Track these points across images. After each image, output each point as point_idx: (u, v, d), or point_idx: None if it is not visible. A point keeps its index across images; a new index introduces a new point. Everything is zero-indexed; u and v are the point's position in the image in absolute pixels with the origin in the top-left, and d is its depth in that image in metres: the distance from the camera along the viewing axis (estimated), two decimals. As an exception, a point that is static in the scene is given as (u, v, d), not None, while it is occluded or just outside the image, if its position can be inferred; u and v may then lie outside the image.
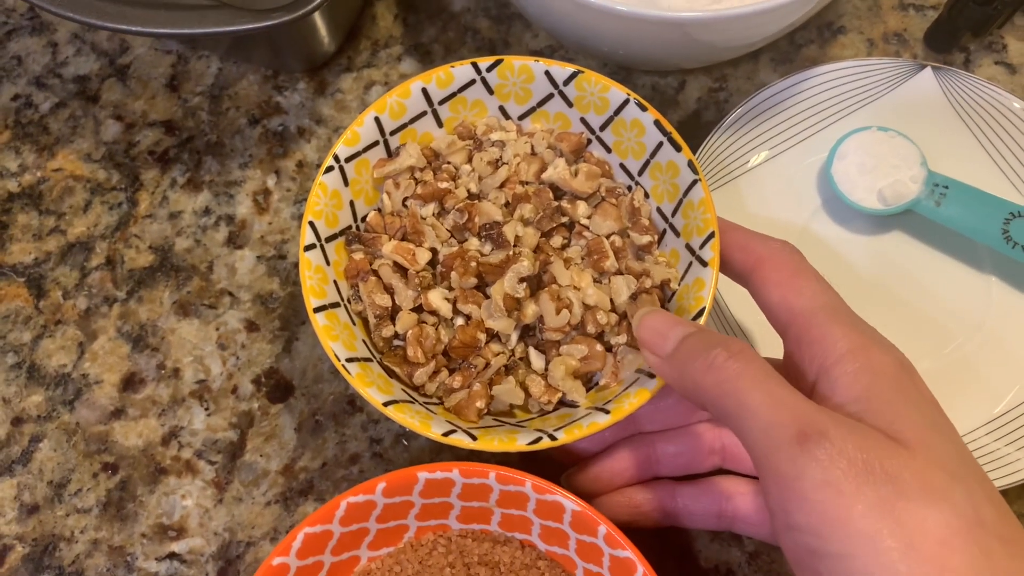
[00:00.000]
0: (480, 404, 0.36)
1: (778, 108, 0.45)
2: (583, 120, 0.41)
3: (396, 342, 0.38)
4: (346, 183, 0.39)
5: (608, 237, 0.39)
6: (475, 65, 0.40)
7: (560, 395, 0.37)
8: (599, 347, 0.36)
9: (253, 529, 0.41)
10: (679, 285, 0.37)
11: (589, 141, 0.41)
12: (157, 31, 0.39)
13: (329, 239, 0.38)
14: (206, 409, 0.43)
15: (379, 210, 0.40)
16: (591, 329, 0.36)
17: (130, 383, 0.43)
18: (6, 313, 0.45)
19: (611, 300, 0.37)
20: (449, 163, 0.41)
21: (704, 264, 0.36)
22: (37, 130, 0.49)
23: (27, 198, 0.47)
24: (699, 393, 0.29)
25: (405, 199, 0.40)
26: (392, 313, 0.38)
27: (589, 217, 0.39)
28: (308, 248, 0.37)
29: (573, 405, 0.37)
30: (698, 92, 0.48)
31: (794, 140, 0.45)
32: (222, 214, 0.47)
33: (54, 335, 0.44)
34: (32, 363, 0.44)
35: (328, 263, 0.38)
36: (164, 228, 0.46)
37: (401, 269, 0.38)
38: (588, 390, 0.38)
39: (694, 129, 0.47)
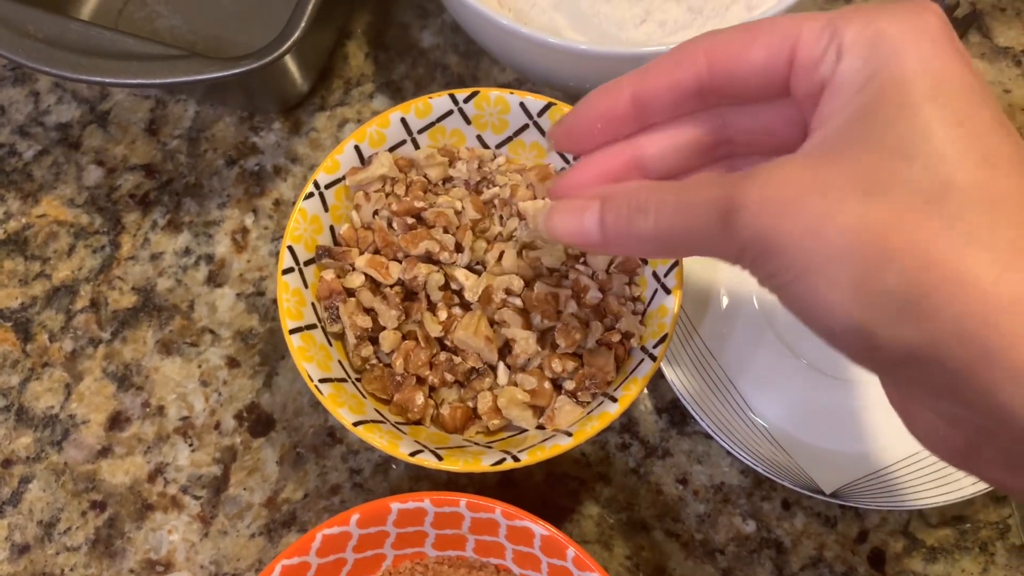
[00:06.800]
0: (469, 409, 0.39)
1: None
2: (559, 151, 0.42)
3: (372, 361, 0.40)
4: (326, 208, 0.41)
5: (606, 270, 0.40)
6: (452, 96, 0.42)
7: (504, 422, 0.38)
8: (547, 385, 0.38)
9: (239, 561, 0.42)
10: (643, 327, 0.38)
11: (563, 171, 0.43)
12: (130, 82, 0.41)
13: (308, 263, 0.40)
14: (190, 445, 0.44)
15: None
16: (548, 372, 0.38)
17: (116, 422, 0.44)
18: (-6, 357, 0.46)
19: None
20: (425, 176, 0.42)
21: (667, 292, 0.38)
22: (21, 177, 0.50)
23: (12, 244, 0.48)
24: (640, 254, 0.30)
25: (376, 211, 0.41)
26: (373, 333, 0.39)
27: (579, 258, 0.40)
28: (286, 271, 0.39)
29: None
30: (662, 119, 0.50)
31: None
32: (202, 254, 0.48)
33: (41, 377, 0.46)
34: (20, 405, 0.45)
35: (306, 286, 0.39)
36: (146, 269, 0.48)
37: (379, 291, 0.40)
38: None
39: (660, 154, 0.48)
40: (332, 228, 0.41)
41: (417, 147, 0.43)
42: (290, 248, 0.39)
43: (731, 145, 0.30)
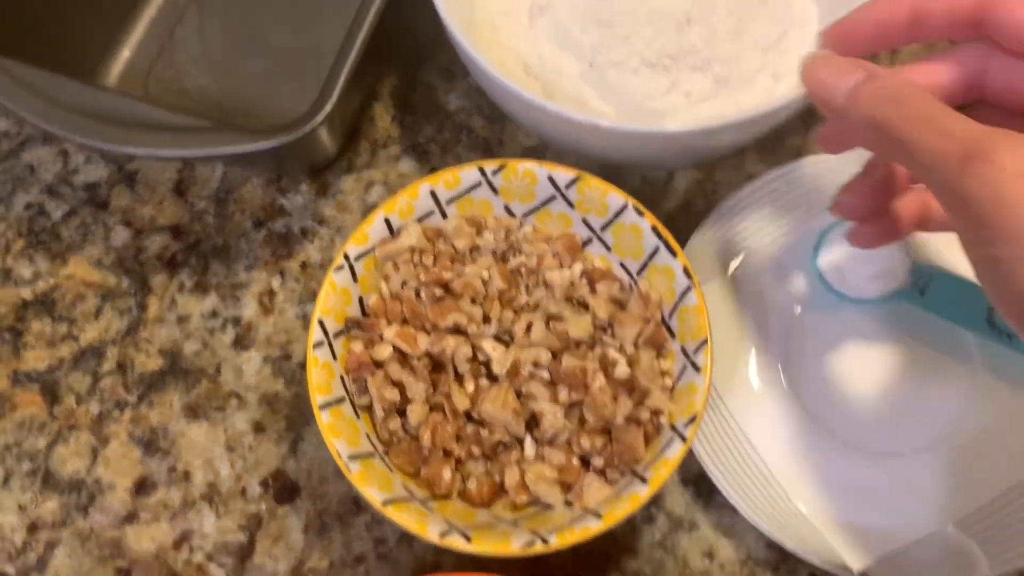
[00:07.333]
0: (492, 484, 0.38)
1: (765, 200, 0.46)
2: (584, 221, 0.43)
3: (399, 434, 0.40)
4: (355, 279, 0.41)
5: (634, 343, 0.40)
6: (481, 169, 0.42)
7: (531, 497, 0.38)
8: (575, 462, 0.38)
9: (263, 631, 0.42)
10: (671, 395, 0.38)
11: (589, 241, 0.43)
12: (162, 153, 0.41)
13: (337, 335, 0.40)
14: (216, 512, 0.44)
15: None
16: (577, 448, 0.38)
17: (142, 487, 0.45)
18: (21, 420, 0.46)
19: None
20: (453, 246, 0.42)
21: (697, 370, 0.38)
22: (50, 237, 0.50)
23: (40, 305, 0.49)
24: (872, 147, 0.32)
25: (404, 282, 0.41)
26: (401, 406, 0.40)
27: (606, 329, 0.40)
28: (316, 345, 0.39)
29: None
30: (686, 183, 0.50)
31: (783, 230, 0.46)
32: (229, 316, 0.48)
33: (68, 441, 0.46)
34: (47, 469, 0.45)
35: (335, 358, 0.40)
36: (173, 332, 0.48)
37: (407, 363, 0.40)
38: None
39: (686, 219, 0.48)
40: (361, 299, 0.41)
41: (445, 216, 0.43)
42: (320, 322, 0.39)
43: (981, 92, 0.31)
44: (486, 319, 0.41)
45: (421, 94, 0.53)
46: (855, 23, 0.33)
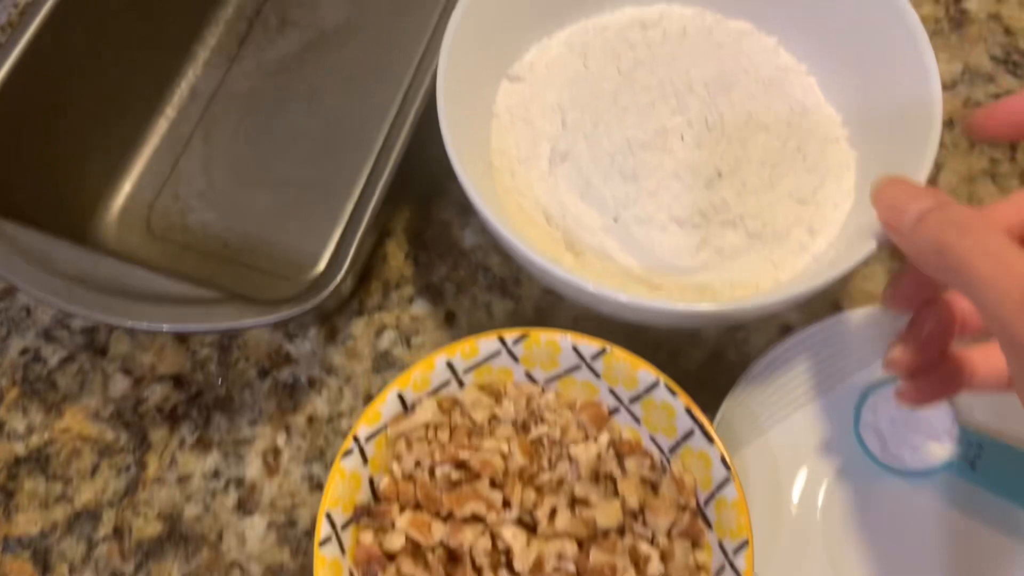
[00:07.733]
0: None
1: (801, 357, 0.44)
2: (612, 391, 0.40)
3: None
4: (365, 462, 0.38)
5: (667, 534, 0.37)
6: (501, 339, 0.40)
7: None
8: None
9: None
10: None
11: (616, 410, 0.40)
12: (162, 328, 0.39)
13: (346, 525, 0.37)
14: None
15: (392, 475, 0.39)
16: None
17: (137, 670, 0.42)
18: (11, 592, 0.44)
19: None
20: (470, 418, 0.40)
21: (737, 574, 0.35)
22: (45, 386, 0.48)
23: (34, 462, 0.46)
24: (933, 272, 0.30)
25: (418, 461, 0.39)
26: None
27: (636, 515, 0.38)
28: (324, 542, 0.36)
29: None
30: (716, 334, 0.47)
31: (820, 389, 0.44)
32: (231, 477, 0.45)
33: (59, 616, 0.43)
34: (36, 648, 0.42)
35: (344, 552, 0.37)
36: (173, 493, 0.45)
37: (421, 554, 0.37)
38: None
39: (716, 370, 0.46)
40: (371, 480, 0.39)
41: (462, 385, 0.41)
42: (328, 516, 0.36)
43: None
44: (506, 503, 0.38)
45: (435, 230, 0.50)
46: (1001, 111, 0.33)
